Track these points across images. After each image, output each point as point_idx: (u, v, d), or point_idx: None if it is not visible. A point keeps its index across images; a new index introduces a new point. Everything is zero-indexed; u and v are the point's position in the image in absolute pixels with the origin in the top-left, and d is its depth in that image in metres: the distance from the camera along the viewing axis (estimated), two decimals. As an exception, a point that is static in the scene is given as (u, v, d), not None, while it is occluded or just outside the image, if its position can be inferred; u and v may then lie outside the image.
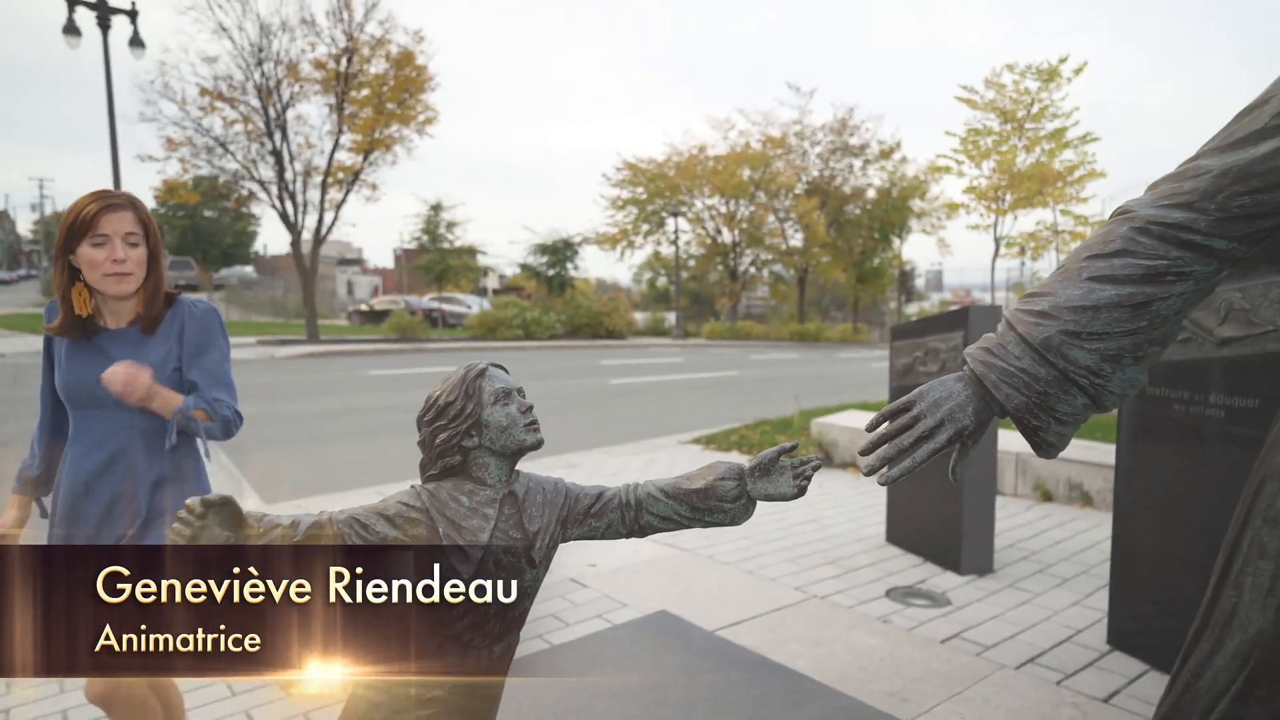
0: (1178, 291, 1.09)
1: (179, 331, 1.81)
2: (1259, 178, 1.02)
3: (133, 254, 1.71)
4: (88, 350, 1.76)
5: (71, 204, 1.71)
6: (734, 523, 1.31)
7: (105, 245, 1.69)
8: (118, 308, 1.78)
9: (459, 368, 1.29)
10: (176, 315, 1.82)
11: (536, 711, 2.16)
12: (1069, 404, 1.14)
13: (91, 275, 1.70)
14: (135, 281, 1.74)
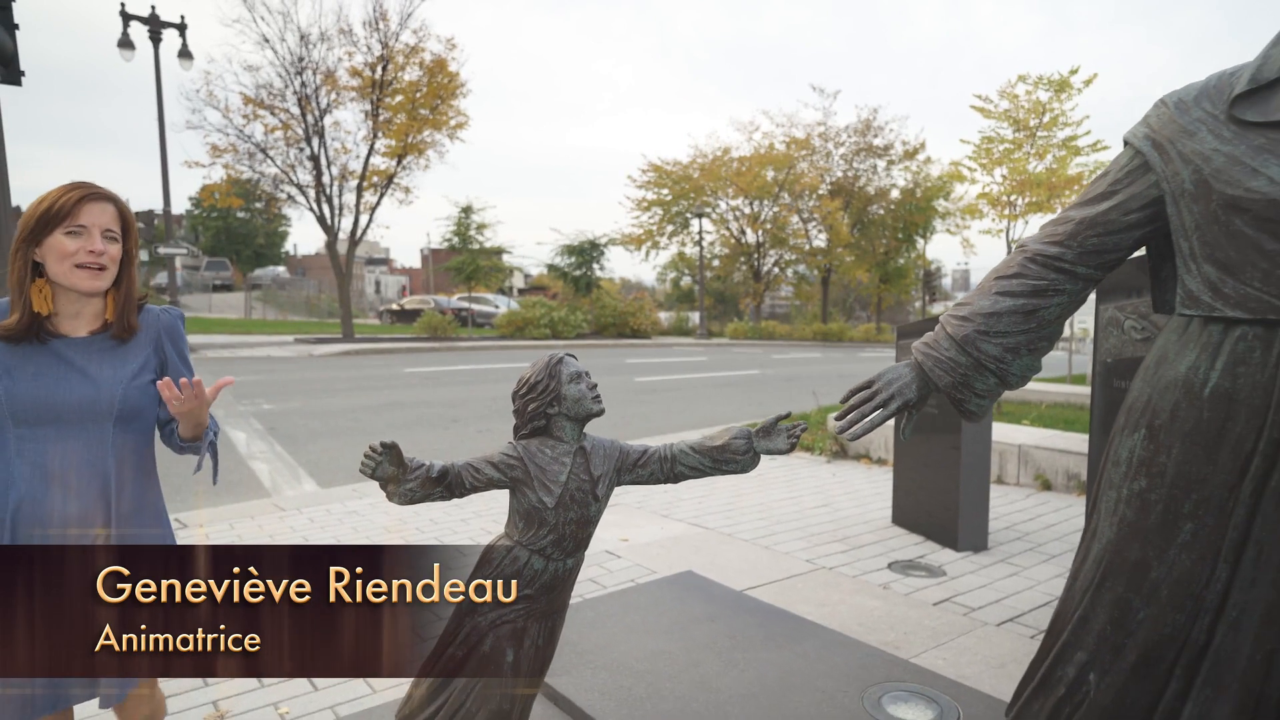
0: (1056, 303, 1.55)
1: (155, 340, 1.66)
2: (1102, 226, 1.48)
3: (110, 249, 1.54)
4: (44, 358, 1.53)
5: (43, 194, 1.54)
6: (743, 470, 1.77)
7: (81, 236, 1.51)
8: (78, 311, 1.57)
9: (544, 356, 1.76)
10: (150, 323, 1.66)
11: (582, 643, 2.63)
12: (983, 383, 1.60)
13: (59, 267, 1.50)
14: (109, 279, 1.55)
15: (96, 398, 1.54)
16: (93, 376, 1.55)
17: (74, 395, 1.53)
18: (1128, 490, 1.51)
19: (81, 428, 1.54)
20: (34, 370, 1.52)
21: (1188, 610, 1.45)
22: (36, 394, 1.50)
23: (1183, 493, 1.44)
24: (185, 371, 1.67)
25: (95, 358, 1.57)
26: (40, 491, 1.50)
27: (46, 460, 1.51)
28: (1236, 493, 1.39)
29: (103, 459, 1.55)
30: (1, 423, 1.50)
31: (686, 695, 2.31)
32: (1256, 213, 1.30)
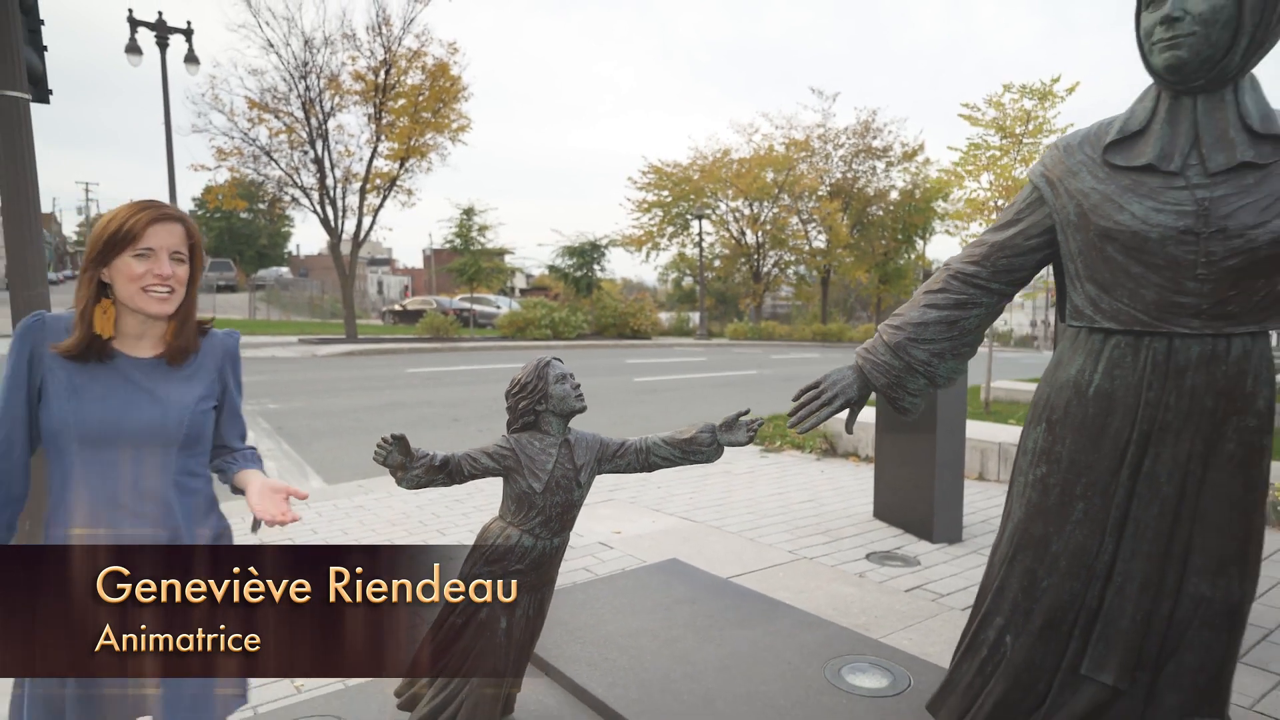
0: (975, 314, 1.79)
1: (220, 366, 1.62)
2: (1009, 249, 1.72)
3: (178, 271, 1.50)
4: (111, 379, 1.49)
5: (111, 212, 1.51)
6: (708, 460, 2.01)
7: (149, 258, 1.47)
8: (143, 332, 1.54)
9: (533, 359, 2.01)
10: (214, 347, 1.62)
11: (572, 622, 2.88)
12: (914, 383, 1.85)
13: (126, 289, 1.47)
14: (177, 301, 1.52)
15: (165, 421, 1.50)
16: (161, 399, 1.51)
17: (142, 418, 1.48)
18: (1032, 476, 1.75)
19: (146, 452, 1.48)
20: (102, 391, 1.47)
21: (1082, 579, 1.70)
22: (105, 415, 1.45)
23: (1074, 477, 1.68)
24: (237, 399, 1.66)
25: (162, 380, 1.53)
26: (104, 517, 1.45)
27: (109, 483, 1.46)
28: (1117, 477, 1.63)
29: (165, 485, 1.50)
30: (65, 444, 1.45)
31: (665, 667, 2.55)
32: (1123, 242, 1.54)
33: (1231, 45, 1.48)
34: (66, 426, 1.44)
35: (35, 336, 1.48)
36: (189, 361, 1.56)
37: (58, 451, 1.46)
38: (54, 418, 1.44)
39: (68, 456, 1.45)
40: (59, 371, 1.46)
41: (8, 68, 3.65)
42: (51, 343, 1.47)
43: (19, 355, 1.47)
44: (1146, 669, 1.68)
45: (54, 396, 1.45)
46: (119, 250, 1.47)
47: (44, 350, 1.47)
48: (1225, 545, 1.60)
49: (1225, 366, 1.55)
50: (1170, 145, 1.54)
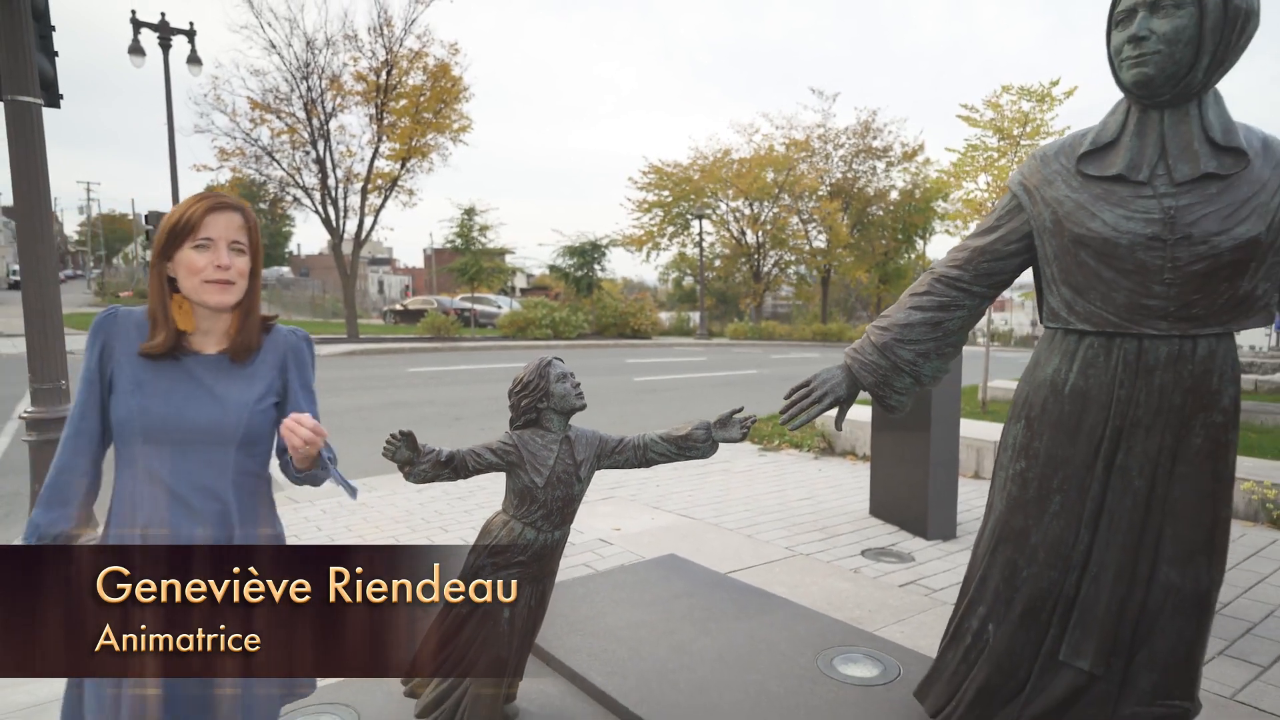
0: (958, 316, 1.87)
1: (282, 364, 1.59)
2: (990, 253, 1.80)
3: (237, 262, 1.48)
4: (175, 375, 1.48)
5: (181, 203, 1.50)
6: (704, 455, 2.09)
7: (209, 249, 1.46)
8: (209, 328, 1.53)
9: (535, 359, 2.09)
10: (277, 344, 1.59)
11: (573, 615, 2.95)
12: (901, 382, 1.93)
13: (189, 283, 1.46)
14: (237, 293, 1.50)
15: (223, 420, 1.48)
16: (220, 397, 1.49)
17: (203, 416, 1.46)
18: (1012, 470, 1.83)
19: (206, 450, 1.47)
20: (166, 387, 1.47)
21: (1059, 568, 1.78)
22: (167, 412, 1.45)
23: (1052, 471, 1.76)
24: (306, 401, 1.61)
25: (223, 378, 1.51)
26: (165, 514, 1.44)
27: (170, 481, 1.45)
28: (1092, 470, 1.71)
29: (224, 484, 1.49)
30: (129, 439, 1.45)
31: (663, 657, 2.63)
32: (1095, 248, 1.62)
33: (1194, 63, 1.56)
34: (131, 421, 1.44)
35: (108, 331, 1.49)
36: (252, 359, 1.54)
37: (123, 445, 1.47)
38: (120, 411, 1.45)
39: (132, 450, 1.46)
40: (127, 366, 1.46)
41: (20, 73, 3.73)
42: (124, 337, 1.48)
43: (92, 349, 1.48)
44: (1121, 654, 1.76)
45: (121, 391, 1.45)
46: (179, 243, 1.46)
47: (115, 344, 1.48)
48: (1194, 535, 1.68)
49: (1192, 366, 1.63)
50: (1139, 156, 1.62)
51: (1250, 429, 7.95)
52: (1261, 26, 1.59)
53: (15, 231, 3.96)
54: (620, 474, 6.56)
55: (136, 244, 53.08)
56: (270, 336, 1.59)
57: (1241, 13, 1.54)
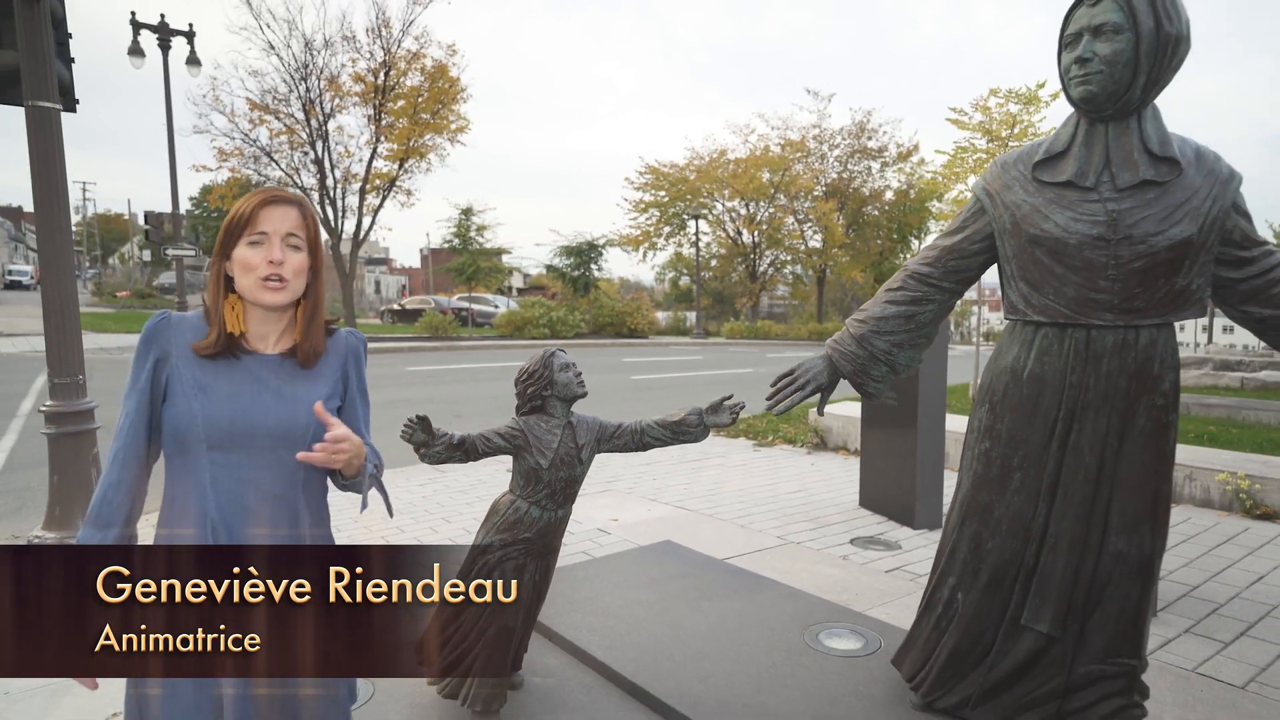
0: (929, 309, 2.04)
1: (343, 366, 1.53)
2: (957, 252, 1.97)
3: (292, 258, 1.42)
4: (238, 376, 1.42)
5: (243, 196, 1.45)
6: (696, 440, 2.26)
7: (263, 245, 1.40)
8: (267, 327, 1.47)
9: (539, 350, 2.25)
10: (338, 346, 1.54)
11: (574, 595, 3.12)
12: (877, 370, 2.09)
13: (243, 280, 1.41)
14: (291, 292, 1.43)
15: (292, 422, 1.41)
16: (288, 398, 1.43)
17: (269, 418, 1.40)
18: (978, 450, 2.00)
19: (274, 454, 1.40)
20: (229, 389, 1.40)
21: (1020, 539, 1.94)
22: (232, 415, 1.38)
23: (1012, 450, 1.93)
24: (362, 404, 1.57)
25: (288, 378, 1.45)
26: (235, 525, 1.39)
27: (239, 490, 1.39)
28: (1048, 449, 1.88)
29: (294, 490, 1.44)
30: (193, 446, 1.38)
31: (658, 632, 2.79)
32: (1048, 247, 1.79)
33: (1132, 82, 1.73)
34: (194, 425, 1.37)
35: (162, 336, 1.42)
36: (318, 362, 1.49)
37: (181, 451, 1.39)
38: (180, 416, 1.37)
39: (193, 457, 1.38)
40: (185, 370, 1.40)
41: (40, 80, 3.88)
42: (179, 340, 1.42)
43: (144, 358, 1.41)
44: (1075, 617, 1.92)
45: (180, 395, 1.38)
46: (235, 239, 1.41)
47: (171, 348, 1.41)
48: (1138, 507, 1.85)
49: (1135, 353, 1.80)
50: (1086, 165, 1.79)
51: (1233, 424, 8.14)
52: (1262, 27, 1.77)
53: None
54: (618, 468, 6.73)
55: (133, 244, 53.07)
56: (333, 340, 1.54)
57: (1172, 39, 1.71)
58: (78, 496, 4.05)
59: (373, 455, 1.53)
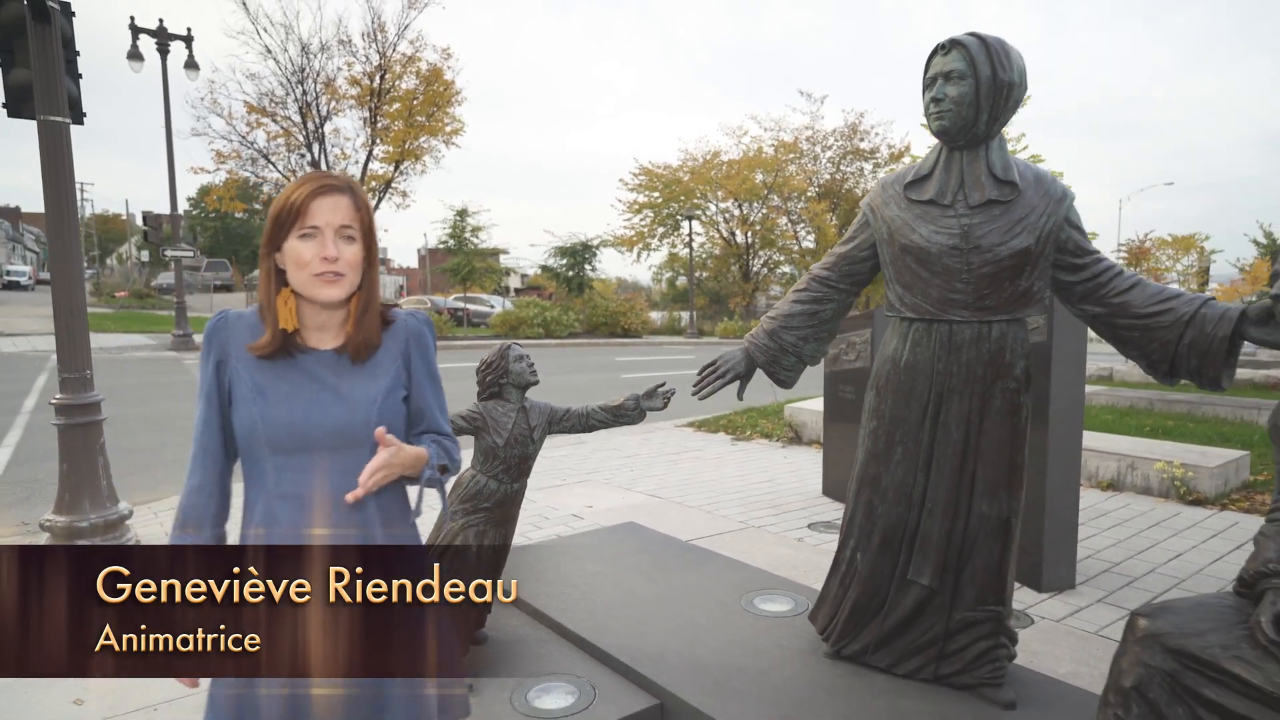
0: (829, 307, 2.36)
1: (405, 354, 1.46)
2: (849, 259, 2.30)
3: (346, 251, 1.35)
4: (295, 376, 1.37)
5: (289, 185, 1.37)
6: (633, 422, 2.58)
7: (315, 238, 1.33)
8: (322, 323, 1.40)
9: (499, 345, 2.56)
10: (399, 335, 1.46)
11: (537, 567, 3.43)
12: (787, 361, 2.42)
13: (297, 276, 1.35)
14: (348, 286, 1.36)
15: (351, 420, 1.37)
16: (346, 396, 1.38)
17: (328, 418, 1.36)
18: (868, 429, 2.33)
19: (337, 454, 1.36)
20: (287, 391, 1.36)
21: (904, 505, 2.27)
22: (291, 417, 1.34)
23: (894, 428, 2.25)
24: (432, 390, 1.51)
25: (346, 375, 1.39)
26: (303, 531, 1.35)
27: (304, 494, 1.35)
28: (923, 426, 2.20)
29: (349, 490, 1.34)
30: (257, 450, 1.36)
31: (611, 597, 3.11)
32: (915, 255, 2.12)
33: (976, 119, 2.05)
34: (255, 430, 1.35)
35: (220, 337, 1.39)
36: (373, 355, 1.42)
37: (249, 456, 1.38)
38: (243, 421, 1.36)
39: (260, 462, 1.37)
40: (244, 372, 1.36)
41: (52, 96, 4.20)
42: (237, 341, 1.38)
43: (208, 360, 1.39)
44: (951, 572, 2.24)
45: (241, 399, 1.36)
46: (285, 232, 1.34)
47: (230, 349, 1.38)
48: (997, 475, 2.16)
49: (989, 344, 2.12)
50: (945, 186, 2.11)
51: (1191, 419, 8.48)
52: (1262, 27, 2.05)
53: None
54: (598, 461, 7.05)
55: (131, 244, 53.34)
56: (391, 329, 1.46)
57: (1005, 84, 2.04)
58: (86, 483, 4.36)
59: (439, 454, 1.46)
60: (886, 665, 2.39)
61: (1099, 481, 5.78)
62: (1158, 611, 1.69)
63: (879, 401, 2.29)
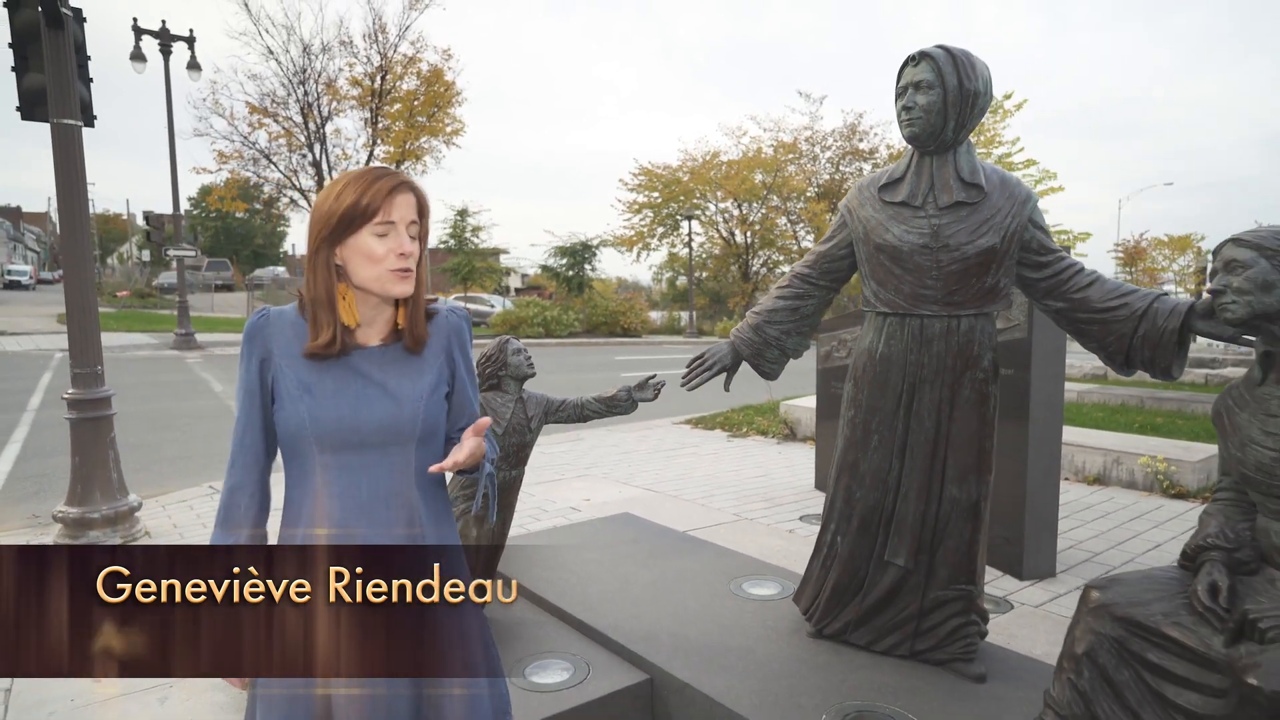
0: (810, 302, 2.49)
1: (447, 349, 1.46)
2: (829, 257, 2.43)
3: (414, 248, 1.35)
4: (341, 373, 1.36)
5: (335, 185, 1.34)
6: (625, 412, 2.71)
7: (390, 235, 1.32)
8: (372, 318, 1.40)
9: (497, 339, 2.70)
10: (442, 329, 1.46)
11: (536, 556, 3.56)
12: (771, 354, 2.55)
13: (369, 272, 1.33)
14: (415, 281, 1.37)
15: (399, 416, 1.38)
16: (393, 393, 1.38)
17: (376, 415, 1.36)
18: (846, 417, 2.46)
19: (384, 452, 1.37)
20: (334, 388, 1.35)
21: (881, 490, 2.40)
22: (340, 414, 1.34)
23: (871, 416, 2.38)
24: (471, 385, 1.52)
25: (393, 371, 1.40)
26: (349, 521, 1.35)
27: (355, 492, 1.35)
28: (897, 415, 2.34)
29: (408, 487, 1.38)
30: (305, 449, 1.35)
31: (607, 582, 3.24)
32: (889, 253, 2.25)
33: (944, 126, 2.19)
34: (303, 428, 1.34)
35: (264, 335, 1.37)
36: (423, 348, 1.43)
37: (295, 454, 1.37)
38: (289, 419, 1.34)
39: (306, 460, 1.36)
40: (289, 371, 1.35)
41: (65, 100, 4.33)
42: (280, 339, 1.37)
43: (250, 359, 1.37)
44: (925, 553, 2.37)
45: (287, 397, 1.35)
46: (357, 226, 1.32)
47: (274, 348, 1.37)
48: (967, 460, 2.30)
49: (958, 337, 2.25)
50: (916, 189, 2.25)
51: (1180, 416, 8.61)
52: (1262, 27, 2.16)
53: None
54: (597, 456, 7.18)
55: (132, 243, 53.51)
56: (435, 321, 1.46)
57: (971, 93, 2.17)
58: (96, 476, 4.49)
59: (490, 449, 1.48)
60: (865, 643, 2.53)
61: (1085, 476, 5.92)
62: (1108, 584, 1.82)
63: (856, 392, 2.42)
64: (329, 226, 1.32)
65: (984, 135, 8.61)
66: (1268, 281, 1.65)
